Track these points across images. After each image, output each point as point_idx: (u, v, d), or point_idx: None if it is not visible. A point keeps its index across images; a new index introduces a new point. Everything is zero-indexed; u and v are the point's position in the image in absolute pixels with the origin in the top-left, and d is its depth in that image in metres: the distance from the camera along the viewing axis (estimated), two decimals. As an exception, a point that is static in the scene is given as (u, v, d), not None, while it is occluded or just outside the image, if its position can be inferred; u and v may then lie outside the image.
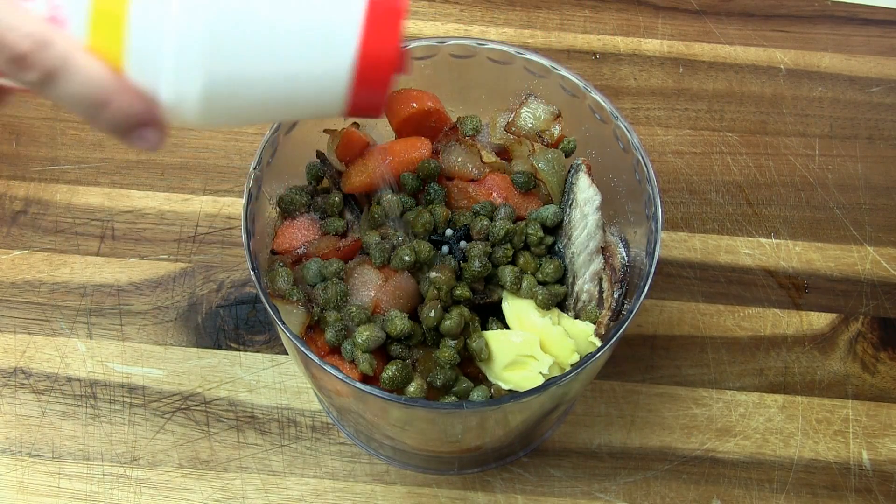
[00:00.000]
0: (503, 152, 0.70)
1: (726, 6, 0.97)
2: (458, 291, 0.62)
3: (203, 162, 0.85)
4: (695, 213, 0.85)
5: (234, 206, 0.83)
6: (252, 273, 0.59)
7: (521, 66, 0.68)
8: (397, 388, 0.60)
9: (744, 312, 0.80)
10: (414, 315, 0.62)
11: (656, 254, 0.61)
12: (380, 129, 0.71)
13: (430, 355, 0.62)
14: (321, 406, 0.75)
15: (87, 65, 0.42)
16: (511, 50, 0.67)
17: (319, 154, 0.69)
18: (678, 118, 0.90)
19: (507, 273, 0.63)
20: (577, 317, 0.65)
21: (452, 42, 0.68)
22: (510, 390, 0.61)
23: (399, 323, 0.60)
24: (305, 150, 0.69)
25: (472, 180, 0.68)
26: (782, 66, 0.94)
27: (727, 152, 0.88)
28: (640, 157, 0.63)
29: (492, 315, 0.65)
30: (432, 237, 0.65)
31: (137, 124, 0.44)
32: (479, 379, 0.64)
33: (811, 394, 0.77)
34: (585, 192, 0.64)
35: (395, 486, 0.72)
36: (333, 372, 0.55)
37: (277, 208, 0.67)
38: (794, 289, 0.82)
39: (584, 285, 0.64)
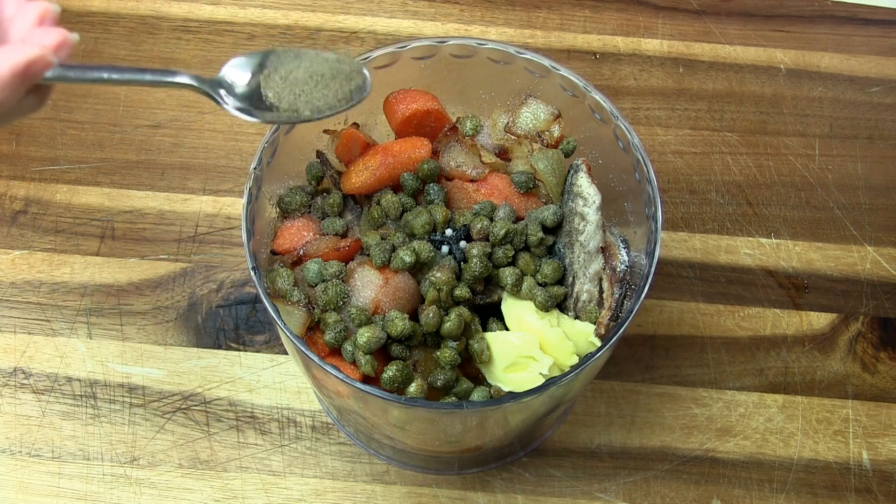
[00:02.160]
0: (503, 152, 0.70)
1: (726, 6, 0.97)
2: (458, 292, 0.62)
3: (203, 162, 0.85)
4: (695, 213, 0.85)
5: (234, 206, 0.83)
6: (252, 273, 0.59)
7: (521, 66, 0.68)
8: (398, 388, 0.60)
9: (744, 312, 0.80)
10: (414, 315, 0.62)
11: (656, 254, 0.61)
12: (380, 129, 0.71)
13: (430, 356, 0.62)
14: (321, 406, 0.75)
15: None
16: (511, 50, 0.67)
17: (319, 154, 0.69)
18: (678, 118, 0.90)
19: (507, 274, 0.63)
20: (577, 317, 0.65)
21: (452, 42, 0.68)
22: (510, 391, 0.61)
23: (400, 324, 0.60)
24: (305, 150, 0.69)
25: (472, 180, 0.68)
26: (782, 66, 0.94)
27: (727, 152, 0.88)
28: (640, 157, 0.63)
29: (492, 315, 0.65)
30: (432, 237, 0.65)
31: None
32: (479, 379, 0.64)
33: (811, 394, 0.77)
34: (585, 193, 0.64)
35: (395, 486, 0.72)
36: (334, 372, 0.55)
37: (277, 208, 0.67)
38: (794, 289, 0.82)
39: (584, 285, 0.64)
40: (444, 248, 0.64)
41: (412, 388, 0.60)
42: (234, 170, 0.85)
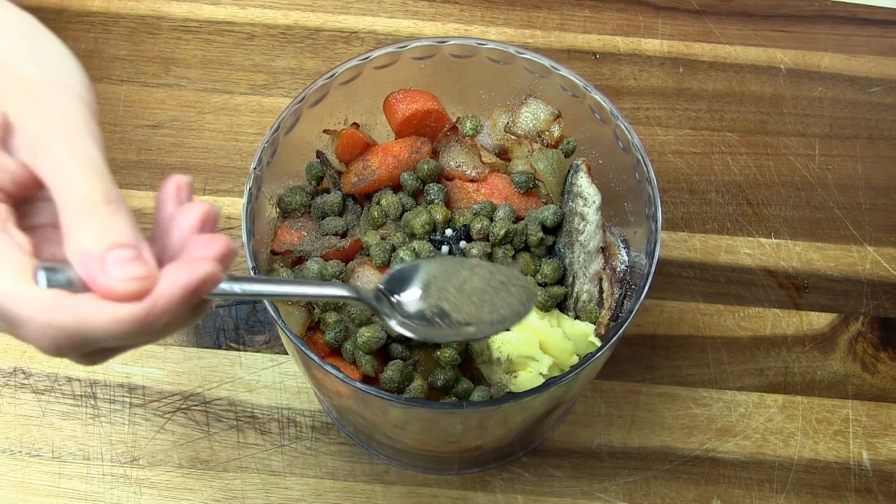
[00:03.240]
0: (503, 152, 0.70)
1: (726, 6, 0.97)
2: (458, 292, 0.62)
3: (203, 162, 0.85)
4: (695, 213, 0.85)
5: (234, 206, 0.83)
6: (252, 273, 0.59)
7: (521, 66, 0.68)
8: (398, 388, 0.60)
9: (744, 312, 0.80)
10: (414, 315, 0.62)
11: (656, 254, 0.61)
12: (380, 130, 0.71)
13: (430, 356, 0.62)
14: (321, 406, 0.75)
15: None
16: (511, 50, 0.67)
17: (319, 154, 0.69)
18: (678, 118, 0.90)
19: (507, 274, 0.63)
20: (577, 317, 0.65)
21: (452, 42, 0.68)
22: (510, 391, 0.61)
23: (399, 324, 0.60)
24: (305, 150, 0.69)
25: (472, 180, 0.68)
26: (782, 66, 0.94)
27: (727, 152, 0.88)
28: (640, 157, 0.63)
29: (492, 315, 0.65)
30: (432, 237, 0.65)
31: None
32: (479, 379, 0.64)
33: (811, 394, 0.77)
34: (585, 192, 0.64)
35: (395, 486, 0.72)
36: (334, 372, 0.55)
37: (277, 208, 0.67)
38: (794, 289, 0.82)
39: (584, 285, 0.64)
40: (444, 248, 0.64)
41: (412, 388, 0.60)
42: (234, 170, 0.85)
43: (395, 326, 0.49)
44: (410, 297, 0.49)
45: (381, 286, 0.50)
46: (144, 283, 0.39)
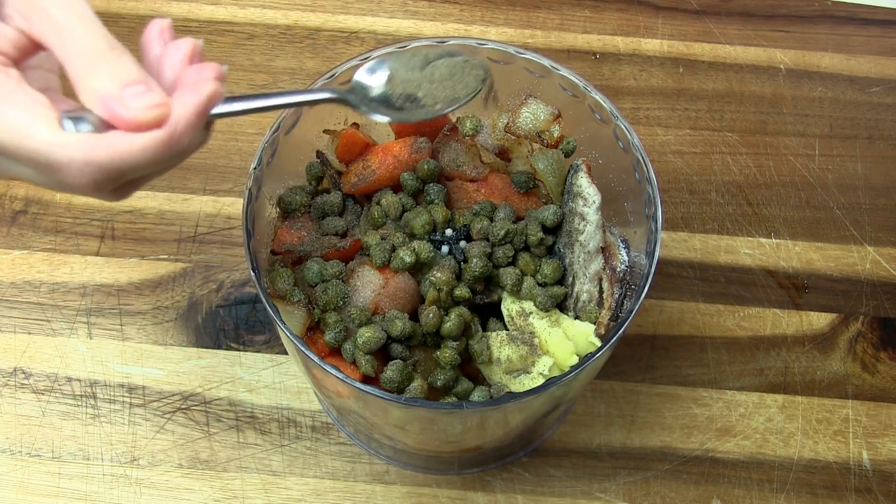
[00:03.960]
0: (503, 152, 0.70)
1: (726, 6, 0.97)
2: (458, 292, 0.62)
3: (203, 162, 0.85)
4: (695, 213, 0.85)
5: (234, 206, 0.83)
6: (252, 273, 0.59)
7: (521, 66, 0.68)
8: (398, 388, 0.60)
9: (744, 312, 0.80)
10: (414, 315, 0.62)
11: (656, 254, 0.61)
12: (380, 129, 0.71)
13: (430, 356, 0.62)
14: (321, 406, 0.75)
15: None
16: (511, 50, 0.67)
17: (319, 154, 0.69)
18: (678, 118, 0.90)
19: (507, 274, 0.63)
20: (577, 317, 0.65)
21: (452, 42, 0.68)
22: (510, 391, 0.61)
23: (400, 324, 0.60)
24: (305, 150, 0.69)
25: (472, 180, 0.68)
26: (782, 66, 0.94)
27: (727, 152, 0.88)
28: (640, 157, 0.63)
29: (492, 315, 0.65)
30: (432, 237, 0.65)
31: None
32: (479, 379, 0.64)
33: (811, 394, 0.77)
34: (585, 192, 0.64)
35: (395, 486, 0.72)
36: (334, 372, 0.55)
37: (277, 208, 0.67)
38: (794, 289, 0.82)
39: (584, 285, 0.64)
40: (444, 248, 0.64)
41: (412, 388, 0.60)
42: (234, 170, 0.85)
43: (375, 117, 0.54)
44: (381, 89, 0.56)
45: (355, 85, 0.56)
46: (162, 109, 0.44)
